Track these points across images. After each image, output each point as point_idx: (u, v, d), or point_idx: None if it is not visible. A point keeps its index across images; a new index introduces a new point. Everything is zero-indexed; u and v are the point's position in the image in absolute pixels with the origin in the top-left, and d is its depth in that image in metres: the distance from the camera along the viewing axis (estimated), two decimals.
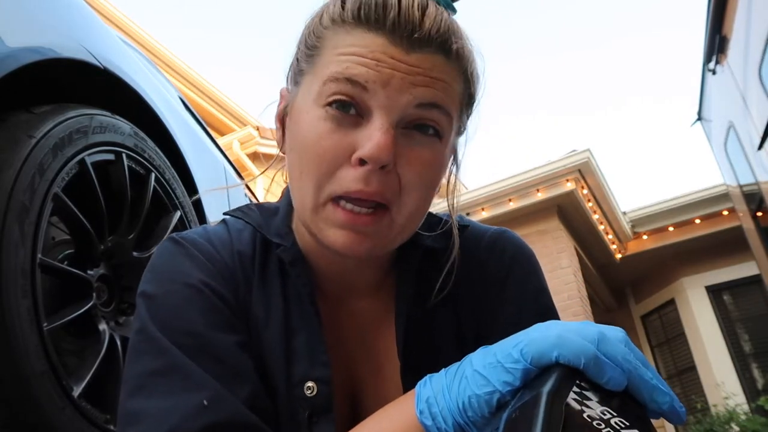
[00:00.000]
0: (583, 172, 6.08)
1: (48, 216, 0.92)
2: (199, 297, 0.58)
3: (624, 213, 7.14)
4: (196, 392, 0.51)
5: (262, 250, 0.66)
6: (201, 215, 1.49)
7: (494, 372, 0.47)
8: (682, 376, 7.62)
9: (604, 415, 0.41)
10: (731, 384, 6.71)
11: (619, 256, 7.31)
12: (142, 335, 0.56)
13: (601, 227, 6.66)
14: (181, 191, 1.39)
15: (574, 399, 0.42)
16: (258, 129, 6.60)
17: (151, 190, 1.26)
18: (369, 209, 0.55)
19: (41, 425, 0.82)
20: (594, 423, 0.41)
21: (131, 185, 1.18)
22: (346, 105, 0.55)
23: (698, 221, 7.10)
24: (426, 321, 0.67)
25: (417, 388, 0.52)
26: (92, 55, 1.09)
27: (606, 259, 7.24)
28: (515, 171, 6.20)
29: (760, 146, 4.53)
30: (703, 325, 7.24)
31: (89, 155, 1.05)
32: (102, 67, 1.12)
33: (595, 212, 6.47)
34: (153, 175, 1.26)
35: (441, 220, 0.70)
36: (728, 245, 6.97)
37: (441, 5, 0.57)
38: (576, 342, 0.45)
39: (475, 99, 0.64)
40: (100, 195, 1.07)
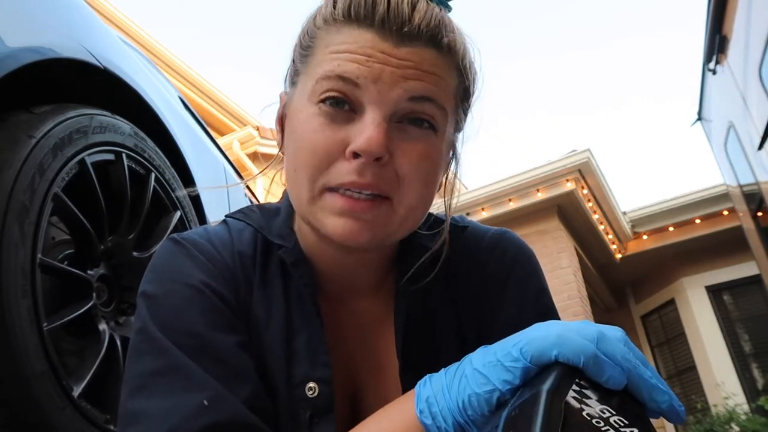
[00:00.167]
0: (583, 172, 6.09)
1: (48, 216, 0.92)
2: (200, 297, 0.58)
3: (624, 213, 7.14)
4: (197, 392, 0.51)
5: (263, 251, 0.66)
6: (200, 212, 1.49)
7: (494, 371, 0.47)
8: (682, 376, 7.62)
9: (604, 414, 0.41)
10: (731, 384, 6.71)
11: (619, 256, 7.31)
12: (143, 335, 0.56)
13: (601, 227, 6.66)
14: (181, 191, 1.39)
15: (574, 397, 0.42)
16: (258, 129, 6.60)
17: (151, 190, 1.26)
18: (367, 196, 0.55)
19: (41, 425, 0.82)
20: (593, 421, 0.41)
21: (131, 185, 1.18)
22: (339, 101, 0.55)
23: (698, 221, 7.10)
24: (426, 321, 0.67)
25: (417, 388, 0.52)
26: (92, 55, 1.09)
27: (606, 259, 7.24)
28: (515, 171, 6.21)
29: (760, 146, 4.53)
30: (703, 325, 7.24)
31: (89, 155, 1.05)
32: (102, 67, 1.12)
33: (595, 212, 6.47)
34: (153, 175, 1.27)
35: (442, 221, 0.70)
36: (728, 245, 6.97)
37: (433, 2, 0.58)
38: (576, 341, 0.45)
39: (472, 94, 0.64)
40: (100, 195, 1.07)
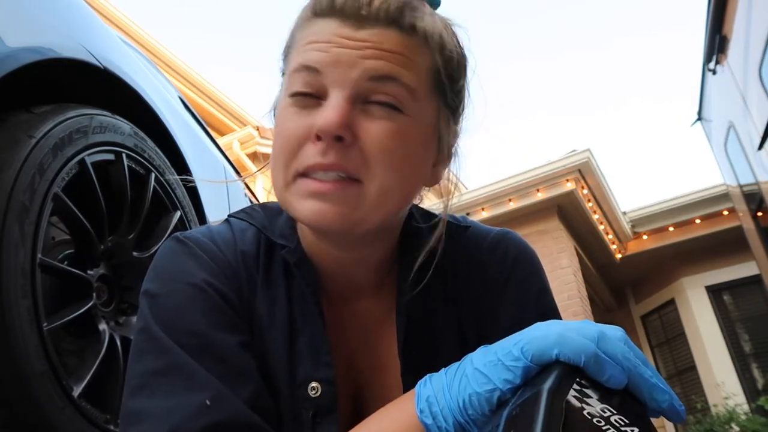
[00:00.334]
0: (583, 172, 6.08)
1: (48, 216, 0.92)
2: (202, 296, 0.58)
3: (624, 213, 7.14)
4: (199, 392, 0.51)
5: (266, 251, 0.66)
6: (200, 212, 1.49)
7: (495, 370, 0.47)
8: (682, 376, 7.62)
9: (604, 413, 0.42)
10: (731, 384, 6.71)
11: (619, 256, 7.30)
12: (145, 334, 0.56)
13: (601, 227, 6.65)
14: (181, 191, 1.39)
15: (575, 396, 0.42)
16: (258, 129, 6.60)
17: (151, 190, 1.26)
18: (333, 178, 0.55)
19: (41, 425, 0.82)
20: (594, 420, 0.41)
21: (131, 185, 1.18)
22: (306, 91, 0.57)
23: (698, 221, 7.09)
24: (427, 321, 0.67)
25: (417, 388, 0.52)
26: (92, 55, 1.09)
27: (606, 259, 7.23)
28: (515, 171, 6.20)
29: (760, 146, 4.53)
30: (703, 325, 7.24)
31: (89, 155, 1.05)
32: (102, 67, 1.12)
33: (595, 212, 6.47)
34: (153, 175, 1.27)
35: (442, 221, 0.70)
36: (728, 245, 6.97)
37: None
38: (576, 340, 0.45)
39: (458, 78, 0.63)
40: (100, 195, 1.07)
